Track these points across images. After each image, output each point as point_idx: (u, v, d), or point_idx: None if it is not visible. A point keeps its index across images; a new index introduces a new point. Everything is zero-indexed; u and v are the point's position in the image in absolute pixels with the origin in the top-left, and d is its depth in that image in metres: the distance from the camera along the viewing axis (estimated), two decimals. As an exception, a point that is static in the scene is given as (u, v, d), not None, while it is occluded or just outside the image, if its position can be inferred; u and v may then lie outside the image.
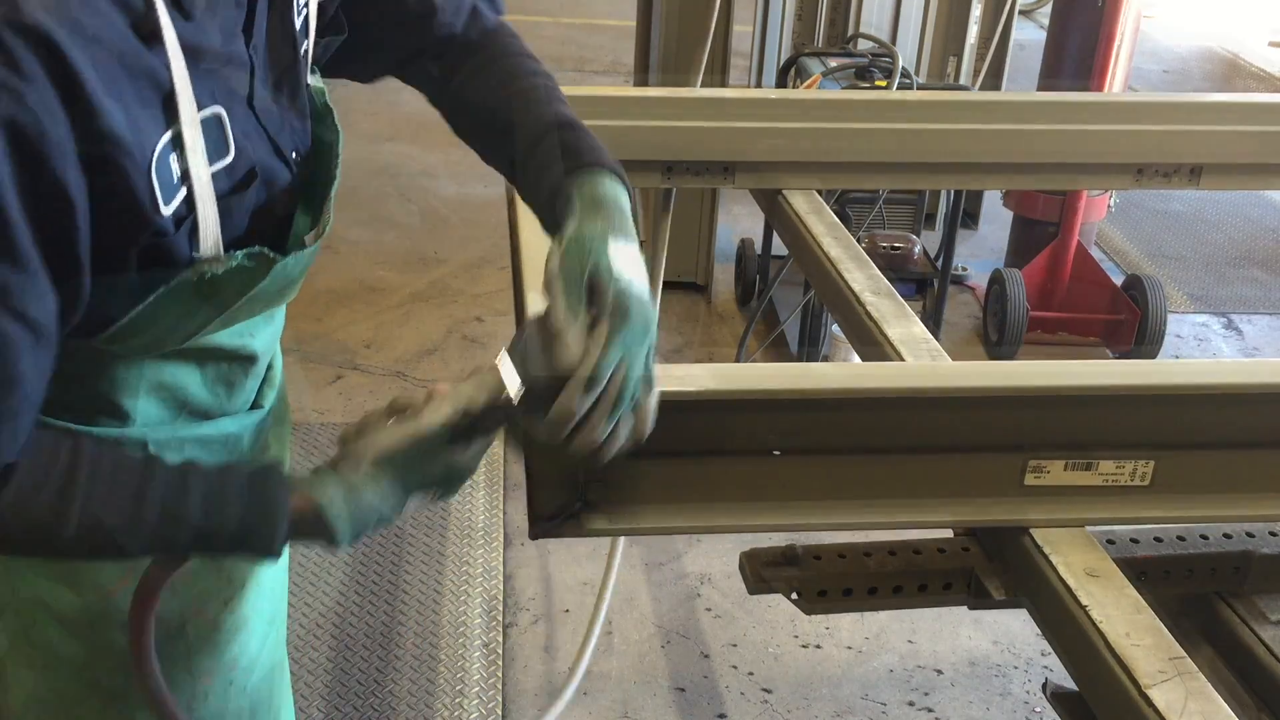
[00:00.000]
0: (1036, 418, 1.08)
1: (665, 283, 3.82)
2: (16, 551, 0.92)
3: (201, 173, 0.84)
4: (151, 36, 0.78)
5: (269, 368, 1.10)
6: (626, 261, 0.90)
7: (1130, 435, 1.09)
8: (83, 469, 0.82)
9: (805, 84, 3.12)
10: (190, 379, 0.99)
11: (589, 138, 1.01)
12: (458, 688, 2.21)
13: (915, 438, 1.08)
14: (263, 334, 1.03)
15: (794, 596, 1.17)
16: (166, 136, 0.81)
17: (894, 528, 1.14)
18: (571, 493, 1.05)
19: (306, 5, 0.97)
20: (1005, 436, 1.08)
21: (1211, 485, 1.13)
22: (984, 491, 1.11)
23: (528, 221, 1.28)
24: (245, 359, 1.02)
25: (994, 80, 4.02)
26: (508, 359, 0.85)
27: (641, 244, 0.94)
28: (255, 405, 1.08)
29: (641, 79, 3.93)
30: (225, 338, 0.98)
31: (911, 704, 2.26)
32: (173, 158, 0.82)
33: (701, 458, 1.07)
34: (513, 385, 0.84)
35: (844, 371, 1.19)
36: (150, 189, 0.80)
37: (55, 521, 0.81)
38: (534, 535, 1.06)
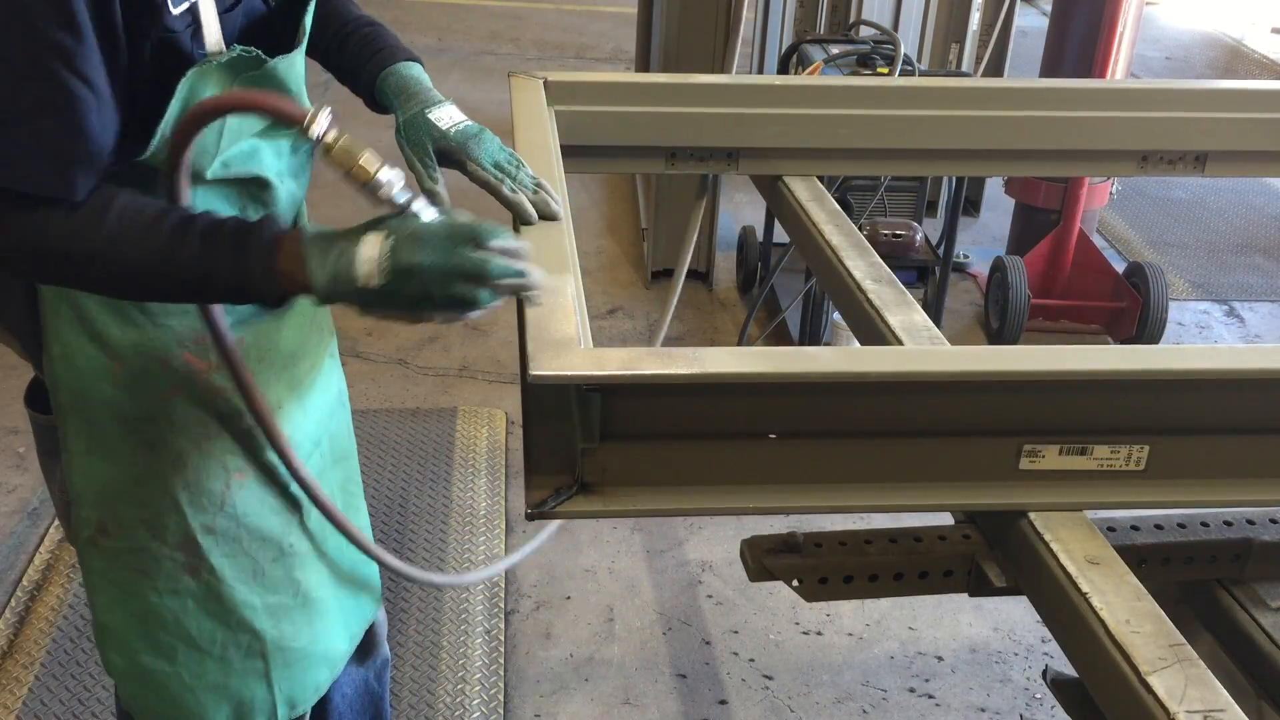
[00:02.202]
0: (1031, 402, 1.08)
1: (667, 270, 3.84)
2: (60, 277, 1.06)
3: None
4: None
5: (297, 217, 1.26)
6: (450, 116, 1.26)
7: (1125, 420, 1.10)
8: (111, 209, 1.00)
9: (807, 71, 3.11)
10: (222, 208, 1.13)
11: (386, 32, 1.37)
12: (460, 674, 2.22)
13: (910, 422, 1.08)
14: (269, 160, 1.17)
15: (795, 584, 1.17)
16: None
17: (889, 510, 1.14)
18: (569, 476, 1.06)
19: None
20: (1000, 421, 1.09)
21: (1207, 471, 1.13)
22: (979, 475, 1.11)
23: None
24: (259, 184, 1.17)
25: (996, 67, 4.00)
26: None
27: (644, 231, 1.05)
28: None
29: (643, 66, 3.92)
30: (238, 165, 1.13)
31: (912, 691, 2.26)
32: None
33: (699, 441, 1.07)
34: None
35: (840, 356, 1.19)
36: None
37: (92, 256, 1.00)
38: (530, 517, 1.07)
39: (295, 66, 1.16)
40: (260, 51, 1.09)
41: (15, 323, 1.21)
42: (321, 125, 1.00)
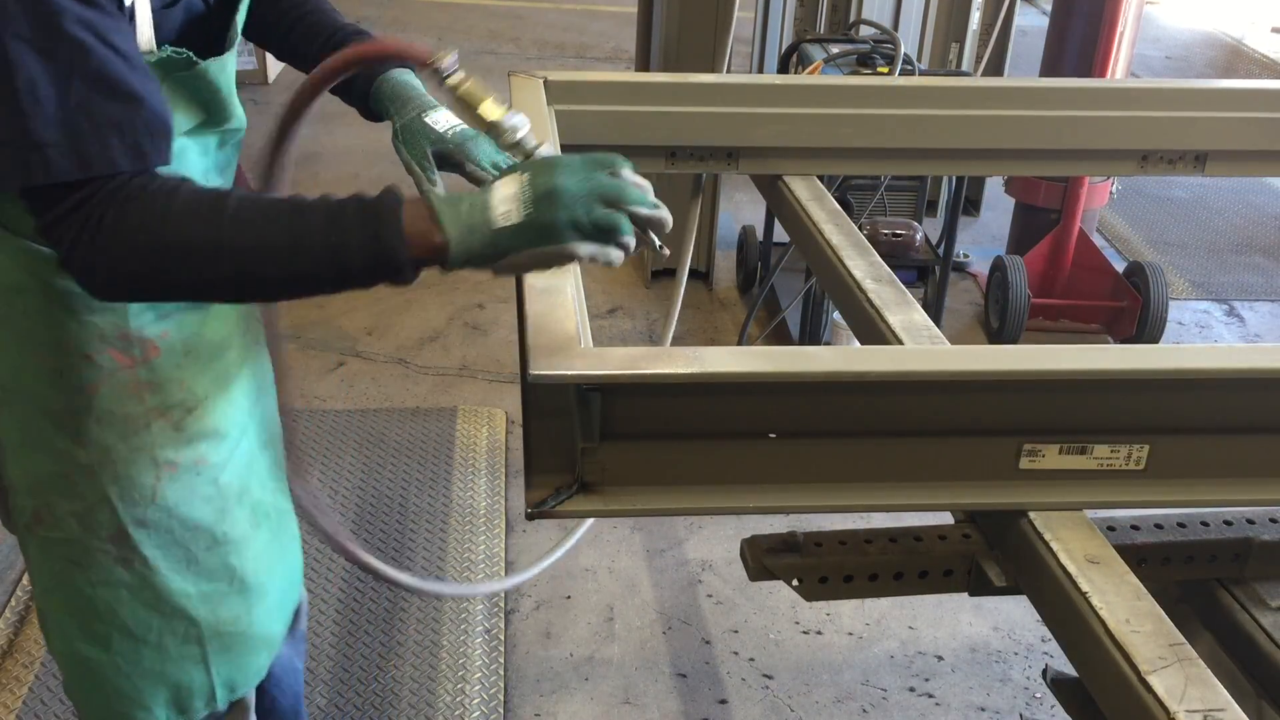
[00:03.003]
0: (1031, 402, 1.08)
1: (667, 270, 3.84)
2: (183, 277, 0.99)
3: None
4: None
5: None
6: (446, 120, 1.25)
7: (1125, 420, 1.10)
8: (229, 197, 0.97)
9: (807, 70, 3.11)
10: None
11: (372, 38, 1.29)
12: (460, 674, 2.22)
13: (910, 421, 1.08)
14: (194, 160, 1.17)
15: (795, 583, 1.17)
16: None
17: (889, 510, 1.14)
18: (569, 475, 1.06)
19: None
20: (1000, 420, 1.09)
21: (1207, 470, 1.13)
22: (979, 475, 1.11)
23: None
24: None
25: (996, 67, 4.00)
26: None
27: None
28: None
29: (643, 66, 3.92)
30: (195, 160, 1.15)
31: (912, 690, 2.26)
32: None
33: (699, 440, 1.07)
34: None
35: (839, 356, 1.19)
36: None
37: (219, 246, 0.95)
38: (530, 516, 1.07)
39: (226, 69, 1.16)
40: (191, 53, 1.09)
41: None
42: (449, 65, 1.03)
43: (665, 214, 0.99)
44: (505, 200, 0.96)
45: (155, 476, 1.22)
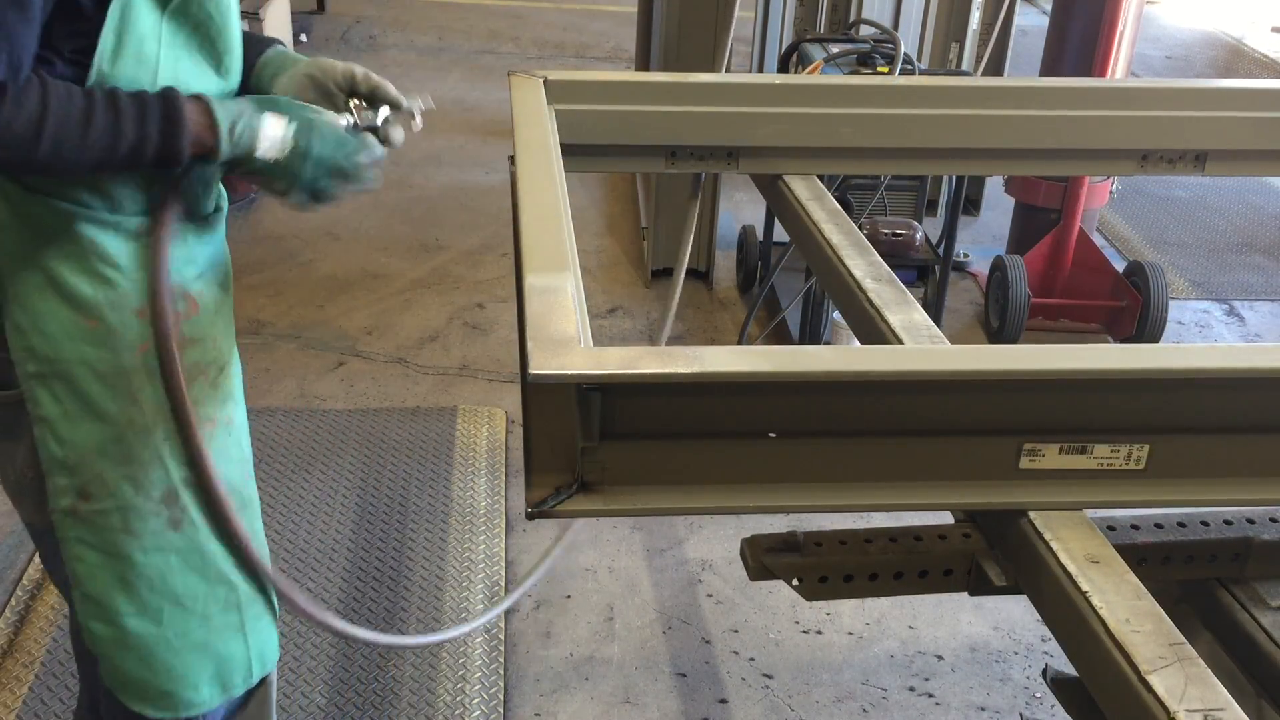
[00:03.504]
0: (1031, 401, 1.08)
1: (667, 269, 3.84)
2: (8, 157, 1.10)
3: None
4: None
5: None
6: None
7: (1125, 420, 1.09)
8: (52, 94, 1.09)
9: (807, 70, 3.11)
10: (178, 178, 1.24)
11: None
12: (460, 673, 2.22)
13: (910, 421, 1.08)
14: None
15: (795, 583, 1.17)
16: None
17: (889, 509, 1.14)
18: (569, 475, 1.06)
19: None
20: (1000, 420, 1.09)
21: (1207, 470, 1.13)
22: (979, 474, 1.11)
23: (530, 208, 1.28)
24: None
25: (996, 66, 4.00)
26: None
27: (644, 230, 1.09)
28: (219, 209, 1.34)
29: (643, 65, 3.92)
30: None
31: (912, 689, 2.27)
32: None
33: (699, 440, 1.07)
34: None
35: (840, 355, 1.19)
36: None
37: (35, 131, 1.08)
38: (531, 516, 1.07)
39: (221, 6, 1.22)
40: None
41: None
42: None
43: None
44: (270, 139, 1.20)
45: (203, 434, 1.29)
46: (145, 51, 1.16)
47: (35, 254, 1.19)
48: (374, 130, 1.32)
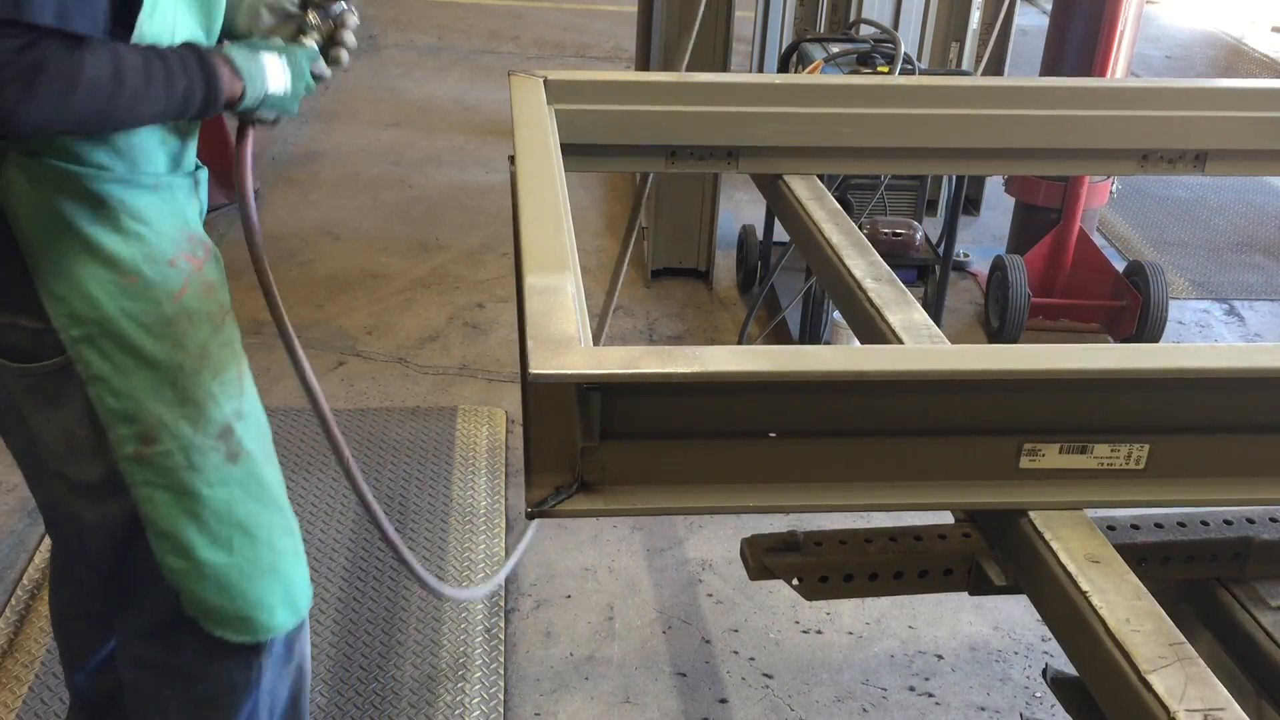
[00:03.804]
0: (1031, 401, 1.08)
1: (666, 269, 3.85)
2: (85, 108, 1.18)
3: None
4: None
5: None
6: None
7: (1125, 419, 1.09)
8: (119, 48, 1.19)
9: (807, 70, 3.11)
10: (175, 138, 1.35)
11: None
12: (460, 673, 2.22)
13: (910, 421, 1.08)
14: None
15: (795, 582, 1.17)
16: None
17: (889, 509, 1.14)
18: (569, 474, 1.06)
19: None
20: (1000, 420, 1.09)
21: (1207, 470, 1.13)
22: (979, 474, 1.11)
23: (530, 208, 1.28)
24: None
25: (996, 66, 4.00)
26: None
27: (644, 230, 1.13)
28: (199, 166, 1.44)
29: (643, 65, 3.92)
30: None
31: (912, 689, 2.26)
32: None
33: (699, 440, 1.07)
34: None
35: (840, 355, 1.19)
36: None
37: (115, 84, 1.17)
38: (531, 515, 1.07)
39: None
40: None
41: None
42: None
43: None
44: (275, 79, 1.36)
45: (238, 369, 1.42)
46: (166, 14, 1.26)
47: (67, 222, 1.25)
48: (333, 37, 1.46)
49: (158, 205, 1.31)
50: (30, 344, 1.31)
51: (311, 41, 1.43)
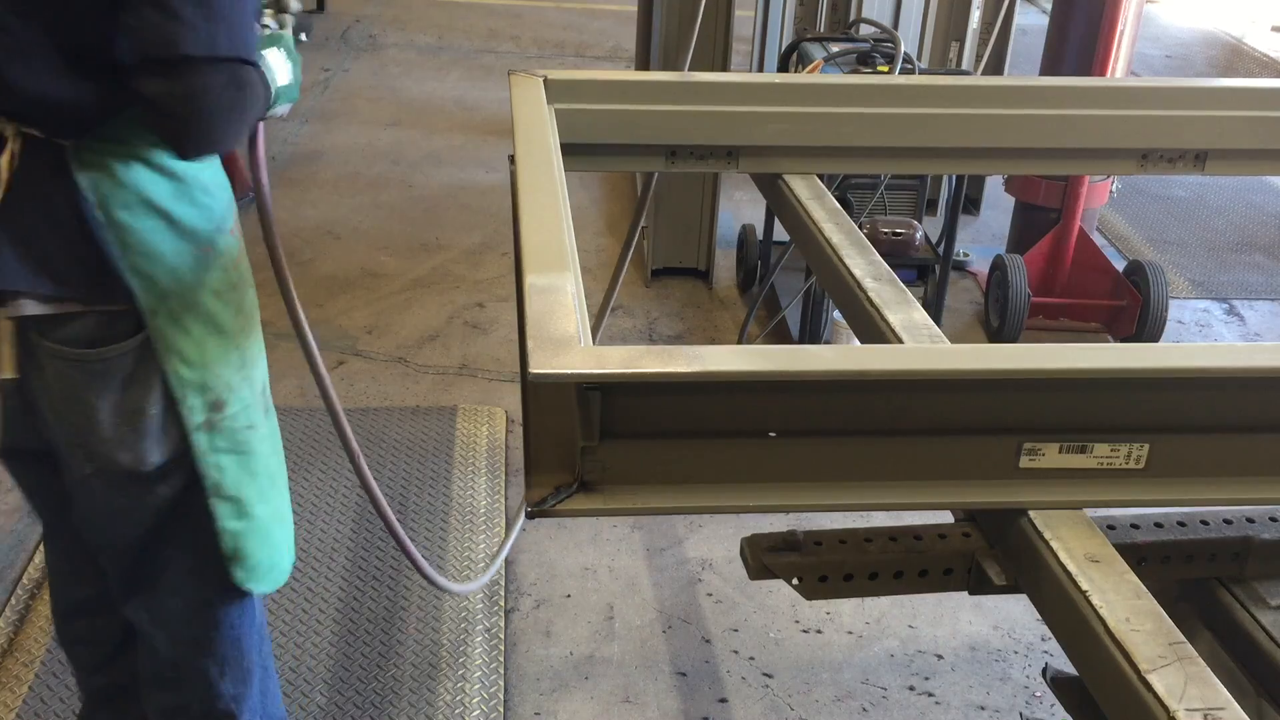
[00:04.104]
0: (1031, 401, 1.08)
1: (666, 269, 3.85)
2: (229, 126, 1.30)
3: None
4: None
5: None
6: None
7: (1125, 419, 1.09)
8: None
9: (807, 69, 3.11)
10: None
11: None
12: (460, 672, 2.22)
13: (910, 420, 1.08)
14: None
15: (795, 582, 1.17)
16: None
17: (889, 509, 1.14)
18: (569, 474, 1.05)
19: None
20: (1000, 419, 1.09)
21: (1207, 469, 1.13)
22: (979, 474, 1.11)
23: (530, 208, 1.28)
24: None
25: (996, 65, 4.00)
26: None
27: (644, 230, 1.15)
28: None
29: (643, 65, 3.92)
30: None
31: (912, 689, 2.27)
32: None
33: (699, 439, 1.07)
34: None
35: (840, 354, 1.19)
36: None
37: (265, 98, 1.36)
38: (531, 515, 1.07)
39: None
40: None
41: (70, 282, 1.35)
42: None
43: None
44: (281, 68, 1.47)
45: (261, 332, 1.52)
46: None
47: (150, 202, 1.34)
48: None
49: (216, 178, 1.42)
50: (103, 330, 1.37)
51: (272, 21, 1.51)
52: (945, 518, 1.26)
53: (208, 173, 1.40)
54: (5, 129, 1.29)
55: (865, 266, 1.51)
